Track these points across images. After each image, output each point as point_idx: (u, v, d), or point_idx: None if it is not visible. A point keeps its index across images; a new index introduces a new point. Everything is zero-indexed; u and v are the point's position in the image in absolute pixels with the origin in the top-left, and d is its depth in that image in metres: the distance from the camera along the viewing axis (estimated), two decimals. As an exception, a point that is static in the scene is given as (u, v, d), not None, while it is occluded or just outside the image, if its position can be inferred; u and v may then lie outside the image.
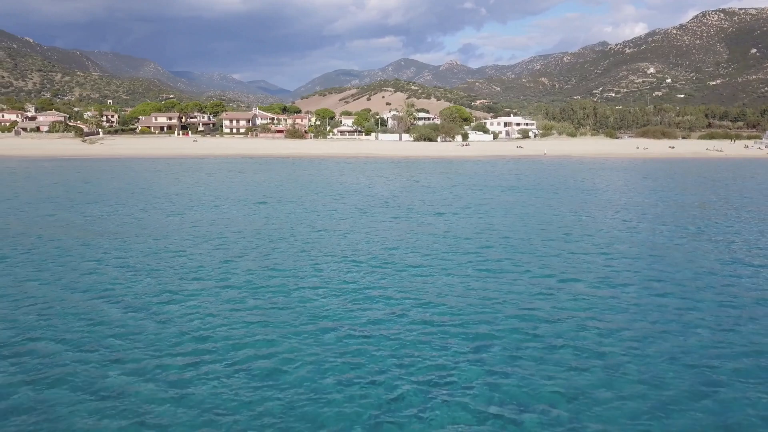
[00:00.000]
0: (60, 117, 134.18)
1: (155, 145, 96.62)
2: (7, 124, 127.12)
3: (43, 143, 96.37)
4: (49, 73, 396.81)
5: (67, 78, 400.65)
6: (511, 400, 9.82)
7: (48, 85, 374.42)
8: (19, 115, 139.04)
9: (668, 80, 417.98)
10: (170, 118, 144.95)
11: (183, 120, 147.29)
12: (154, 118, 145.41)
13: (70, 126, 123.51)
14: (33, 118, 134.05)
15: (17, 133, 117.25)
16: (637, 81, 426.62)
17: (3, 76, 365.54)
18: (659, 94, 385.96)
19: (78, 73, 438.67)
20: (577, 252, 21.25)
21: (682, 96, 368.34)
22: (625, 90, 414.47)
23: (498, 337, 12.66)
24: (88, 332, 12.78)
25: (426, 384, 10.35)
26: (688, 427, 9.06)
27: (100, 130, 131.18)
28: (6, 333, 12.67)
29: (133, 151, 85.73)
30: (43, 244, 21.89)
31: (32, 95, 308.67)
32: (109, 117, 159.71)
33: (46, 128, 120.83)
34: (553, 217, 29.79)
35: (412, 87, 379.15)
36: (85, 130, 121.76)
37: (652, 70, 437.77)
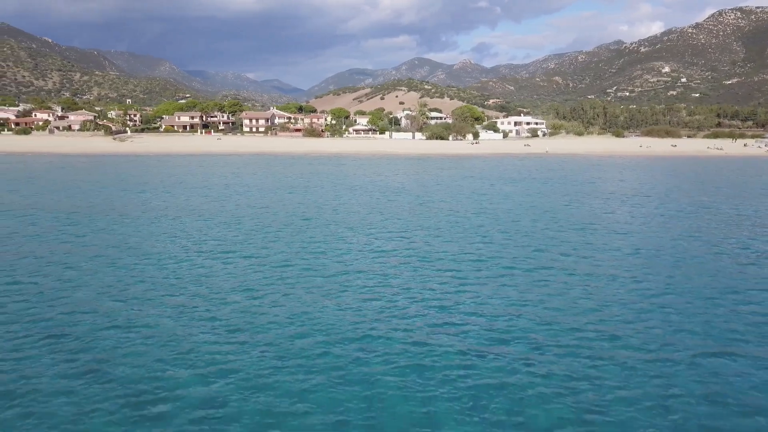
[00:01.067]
0: (90, 116, 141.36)
1: (183, 143, 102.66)
2: (40, 123, 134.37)
3: (77, 141, 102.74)
4: (68, 73, 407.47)
5: (85, 77, 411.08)
6: (486, 312, 14.95)
7: (67, 85, 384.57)
8: (51, 114, 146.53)
9: (683, 79, 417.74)
10: (192, 117, 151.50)
11: (204, 119, 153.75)
12: (177, 117, 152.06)
13: (99, 125, 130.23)
14: (63, 118, 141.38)
15: (51, 132, 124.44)
16: (652, 80, 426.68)
17: (24, 76, 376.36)
18: (674, 93, 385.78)
19: (96, 72, 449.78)
20: (552, 229, 26.32)
21: (697, 95, 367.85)
22: (640, 89, 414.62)
23: (480, 282, 17.76)
24: (171, 280, 18.15)
25: (425, 306, 15.60)
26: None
27: (127, 128, 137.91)
28: (114, 276, 18.09)
29: (163, 149, 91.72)
30: (121, 221, 27.41)
31: (52, 95, 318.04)
32: (132, 116, 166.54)
33: (77, 127, 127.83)
34: (541, 202, 34.76)
35: (426, 86, 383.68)
36: (113, 129, 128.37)
37: (667, 69, 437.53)
